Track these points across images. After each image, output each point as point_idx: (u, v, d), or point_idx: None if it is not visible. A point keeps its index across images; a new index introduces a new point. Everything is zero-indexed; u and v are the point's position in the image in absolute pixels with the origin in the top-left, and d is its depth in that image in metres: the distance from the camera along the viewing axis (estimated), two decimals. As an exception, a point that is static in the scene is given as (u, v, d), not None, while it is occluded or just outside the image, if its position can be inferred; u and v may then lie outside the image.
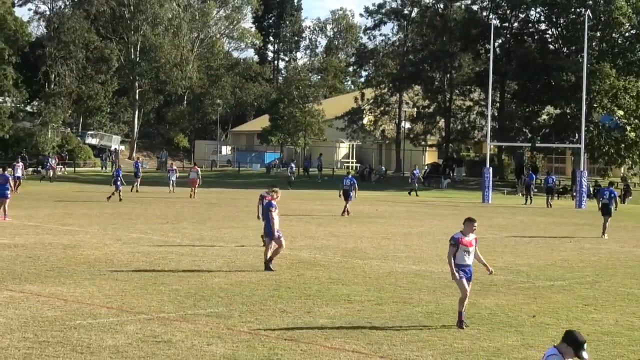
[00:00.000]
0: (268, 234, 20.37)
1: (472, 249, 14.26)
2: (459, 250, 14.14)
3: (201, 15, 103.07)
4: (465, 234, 14.26)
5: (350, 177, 39.41)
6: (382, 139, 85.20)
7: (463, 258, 14.18)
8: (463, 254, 14.19)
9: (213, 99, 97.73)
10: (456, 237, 14.22)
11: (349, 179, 38.84)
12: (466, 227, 14.29)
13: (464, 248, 14.16)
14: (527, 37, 74.33)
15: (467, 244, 14.17)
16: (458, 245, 14.13)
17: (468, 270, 14.29)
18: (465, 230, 14.28)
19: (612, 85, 63.26)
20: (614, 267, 22.70)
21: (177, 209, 38.65)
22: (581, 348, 8.29)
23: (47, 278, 18.11)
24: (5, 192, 31.33)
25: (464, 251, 14.18)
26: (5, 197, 31.31)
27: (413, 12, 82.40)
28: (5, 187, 31.45)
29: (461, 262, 14.17)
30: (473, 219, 14.39)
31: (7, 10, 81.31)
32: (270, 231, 20.26)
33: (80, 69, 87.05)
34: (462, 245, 14.14)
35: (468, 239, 14.22)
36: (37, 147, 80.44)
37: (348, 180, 38.75)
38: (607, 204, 31.67)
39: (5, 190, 31.37)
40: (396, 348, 12.63)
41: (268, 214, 20.38)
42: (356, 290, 17.57)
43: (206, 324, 13.86)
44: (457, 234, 14.33)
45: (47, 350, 11.84)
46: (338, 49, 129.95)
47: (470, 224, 14.29)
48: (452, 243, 14.18)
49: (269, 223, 20.30)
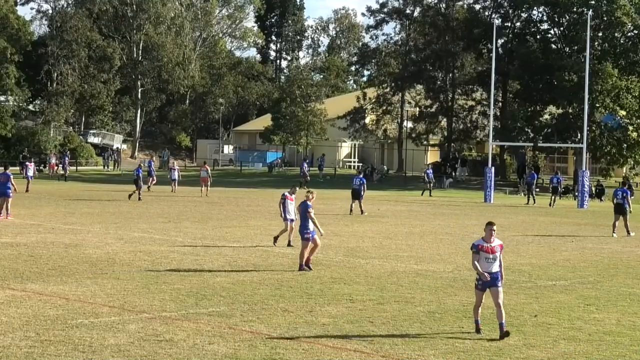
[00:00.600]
0: (302, 235, 20.36)
1: (495, 255, 13.46)
2: (481, 258, 13.47)
3: (204, 14, 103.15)
4: (486, 240, 13.53)
5: (360, 177, 39.84)
6: (384, 139, 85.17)
7: (485, 265, 13.45)
8: (485, 261, 13.47)
9: (215, 98, 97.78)
10: (476, 243, 13.61)
11: (359, 179, 39.23)
12: (485, 232, 13.58)
13: (484, 255, 13.47)
14: (529, 37, 74.26)
15: (488, 251, 13.47)
16: (479, 252, 13.48)
17: (492, 277, 13.48)
18: (486, 236, 13.56)
19: (614, 85, 63.20)
20: (616, 267, 22.69)
21: (179, 208, 38.67)
22: None
23: (49, 277, 18.12)
24: (7, 190, 31.26)
25: (486, 258, 13.47)
26: (7, 196, 31.26)
27: (415, 12, 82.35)
28: (6, 185, 31.38)
29: (484, 269, 13.46)
30: (491, 223, 13.65)
31: (10, 9, 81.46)
32: (302, 231, 20.31)
33: (82, 68, 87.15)
34: (482, 252, 13.46)
35: (489, 245, 13.49)
36: (39, 146, 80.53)
37: (358, 179, 39.15)
38: (621, 204, 31.74)
39: (7, 189, 31.30)
40: (398, 347, 12.63)
41: (305, 215, 20.37)
42: (358, 289, 17.58)
43: (208, 323, 13.87)
44: (478, 240, 13.67)
45: (48, 349, 11.85)
46: (340, 48, 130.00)
47: (488, 229, 13.55)
48: (473, 250, 13.57)
49: (305, 224, 20.30)
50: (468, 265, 21.71)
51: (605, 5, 66.18)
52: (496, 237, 13.65)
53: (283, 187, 58.53)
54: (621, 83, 63.70)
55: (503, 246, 13.77)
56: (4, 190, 31.26)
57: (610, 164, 67.03)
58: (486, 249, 13.47)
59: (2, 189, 31.31)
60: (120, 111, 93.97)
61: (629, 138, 64.10)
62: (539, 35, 74.35)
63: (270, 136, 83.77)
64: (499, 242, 13.66)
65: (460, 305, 16.08)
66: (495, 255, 13.48)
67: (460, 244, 26.84)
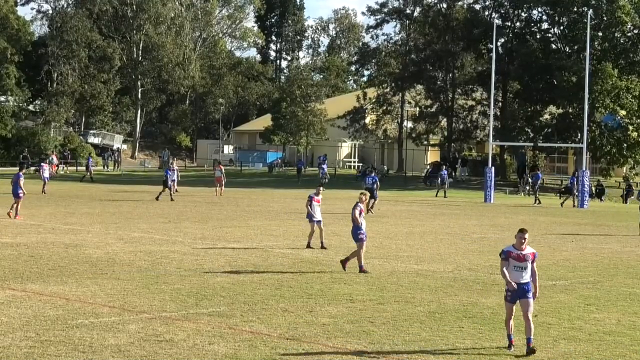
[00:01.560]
0: (355, 237, 20.29)
1: (526, 264, 12.56)
2: (510, 266, 12.58)
3: (204, 15, 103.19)
4: (517, 247, 12.63)
5: (373, 176, 40.69)
6: (384, 139, 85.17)
7: (515, 275, 12.56)
8: (514, 271, 12.57)
9: (215, 98, 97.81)
10: (505, 250, 12.73)
11: (372, 178, 40.05)
12: (517, 239, 12.68)
13: (514, 263, 12.55)
14: (529, 37, 74.29)
15: (517, 258, 12.56)
16: (508, 259, 12.61)
17: (522, 288, 12.58)
18: (517, 243, 12.66)
19: (614, 86, 63.20)
20: (616, 266, 22.69)
21: (179, 208, 38.67)
22: None
23: (49, 277, 18.12)
24: (17, 192, 31.60)
25: (515, 267, 12.56)
26: (18, 197, 31.59)
27: (415, 12, 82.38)
28: (17, 186, 31.72)
29: (513, 278, 12.59)
30: (523, 230, 12.70)
31: (10, 9, 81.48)
32: (355, 233, 20.29)
33: (82, 68, 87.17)
34: (512, 260, 12.57)
35: (520, 252, 12.59)
36: (39, 146, 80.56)
37: (371, 179, 39.92)
38: None
39: (18, 190, 31.63)
40: (398, 347, 12.63)
41: (352, 216, 20.37)
42: (358, 289, 17.58)
43: (208, 323, 13.87)
44: (508, 247, 12.81)
45: (49, 350, 11.85)
46: (340, 48, 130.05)
47: (519, 236, 12.63)
48: (503, 257, 12.68)
49: (357, 225, 20.30)
50: (468, 265, 21.74)
51: (605, 4, 66.18)
52: (528, 244, 12.76)
53: (283, 187, 58.81)
54: (621, 83, 63.69)
55: (536, 255, 12.80)
56: (15, 191, 31.68)
57: (610, 164, 67.03)
58: (516, 256, 12.60)
59: (14, 190, 31.80)
60: (120, 111, 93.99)
61: (629, 138, 64.10)
62: (539, 35, 74.39)
63: (270, 136, 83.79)
64: (532, 251, 12.76)
65: (460, 305, 16.08)
66: (526, 264, 12.56)
67: (460, 244, 26.84)
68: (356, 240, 20.30)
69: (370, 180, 39.58)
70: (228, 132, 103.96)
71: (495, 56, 60.13)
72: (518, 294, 12.61)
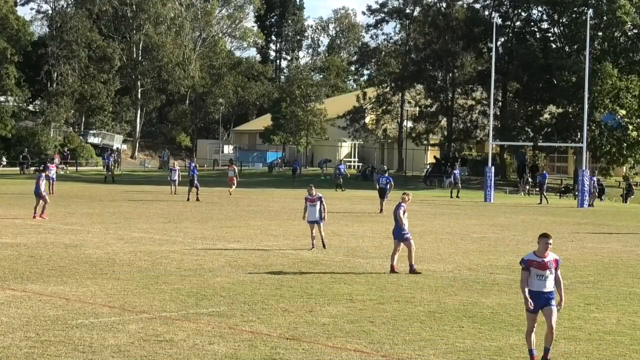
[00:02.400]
0: (397, 236, 20.35)
1: (550, 272, 11.71)
2: (530, 274, 11.70)
3: (203, 15, 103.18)
4: (539, 254, 11.75)
5: (386, 177, 41.23)
6: (384, 138, 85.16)
7: (536, 283, 11.69)
8: (536, 279, 11.69)
9: (215, 98, 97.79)
10: (526, 258, 11.78)
11: (385, 178, 40.65)
12: (539, 245, 11.79)
13: (537, 272, 11.68)
14: (529, 36, 74.30)
15: (540, 267, 11.68)
16: (529, 268, 11.70)
17: (544, 297, 11.73)
18: (539, 250, 11.77)
19: (614, 86, 63.19)
20: (616, 266, 22.69)
21: (179, 208, 38.67)
22: None
23: (49, 277, 18.12)
24: (39, 191, 31.86)
25: (538, 275, 11.69)
26: (40, 197, 31.81)
27: (415, 11, 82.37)
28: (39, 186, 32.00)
29: (535, 288, 11.70)
30: (547, 235, 11.77)
31: (10, 9, 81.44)
32: (399, 233, 20.30)
33: (82, 68, 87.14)
34: (533, 269, 11.68)
35: (542, 260, 11.71)
36: (39, 146, 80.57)
37: (384, 179, 40.53)
38: None
39: (39, 190, 31.88)
40: (398, 347, 12.63)
41: (396, 216, 20.36)
42: (358, 289, 17.58)
43: (208, 323, 13.87)
44: (529, 254, 11.88)
45: (49, 350, 11.85)
46: (340, 48, 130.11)
47: (543, 242, 11.72)
48: (523, 267, 11.76)
49: (398, 224, 20.31)
50: (468, 265, 21.74)
51: (605, 4, 66.17)
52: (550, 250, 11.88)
53: (283, 187, 58.76)
54: (621, 83, 63.67)
55: (559, 261, 11.96)
56: (37, 191, 31.96)
57: (610, 164, 67.03)
58: (538, 264, 11.68)
59: (36, 190, 32.11)
60: (120, 111, 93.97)
61: (628, 137, 64.10)
62: (539, 34, 74.39)
63: (270, 136, 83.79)
64: (554, 257, 11.87)
65: (460, 305, 16.08)
66: (549, 271, 11.72)
67: (460, 244, 26.85)
68: (401, 240, 20.26)
69: (384, 181, 40.19)
70: (228, 132, 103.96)
71: (495, 55, 60.10)
72: (540, 303, 11.73)
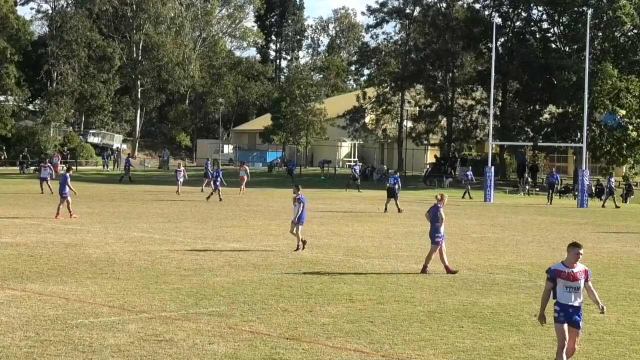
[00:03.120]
0: (432, 239, 20.32)
1: (579, 283, 11.03)
2: (558, 286, 10.98)
3: (203, 14, 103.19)
4: (568, 264, 11.06)
5: (395, 177, 41.87)
6: (383, 138, 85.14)
7: (564, 296, 10.98)
8: (565, 291, 10.97)
9: (215, 97, 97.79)
10: (553, 268, 11.11)
11: (394, 178, 41.37)
12: (569, 254, 11.13)
13: (565, 283, 10.96)
14: (529, 36, 74.30)
15: (568, 278, 10.98)
16: (555, 279, 10.99)
17: (572, 313, 11.01)
18: (568, 259, 11.10)
19: (614, 86, 63.18)
20: (616, 266, 22.69)
21: (179, 208, 38.67)
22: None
23: (48, 277, 18.12)
24: (64, 191, 32.11)
25: (567, 287, 10.97)
26: (63, 197, 32.06)
27: (415, 11, 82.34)
28: (64, 186, 32.20)
29: (563, 300, 10.98)
30: (578, 245, 11.13)
31: (10, 9, 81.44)
32: (433, 235, 20.28)
33: (82, 68, 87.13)
34: (561, 280, 10.97)
35: (571, 271, 11.03)
36: (39, 145, 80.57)
37: (392, 179, 41.28)
38: None
39: (64, 190, 32.12)
40: (398, 347, 12.63)
41: (435, 218, 20.31)
42: (358, 289, 17.57)
43: (208, 322, 13.87)
44: (556, 264, 11.20)
45: (48, 349, 11.85)
46: (340, 47, 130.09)
47: (574, 252, 11.06)
48: (548, 277, 11.06)
49: (435, 227, 20.28)
50: (468, 265, 21.74)
51: (605, 4, 66.16)
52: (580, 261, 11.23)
53: (283, 187, 58.74)
54: (621, 84, 63.66)
55: (589, 273, 11.28)
56: (62, 191, 32.23)
57: (610, 164, 67.03)
58: (566, 275, 10.98)
59: (61, 190, 32.35)
60: (120, 111, 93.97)
61: (628, 137, 64.10)
62: (539, 34, 74.38)
63: (270, 136, 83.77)
64: (584, 268, 11.19)
65: (460, 305, 16.08)
66: (578, 283, 11.02)
67: (460, 244, 26.84)
68: (432, 242, 20.24)
69: (392, 181, 40.80)
70: (228, 132, 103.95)
71: (495, 55, 60.09)
72: (568, 316, 11.00)
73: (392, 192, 40.10)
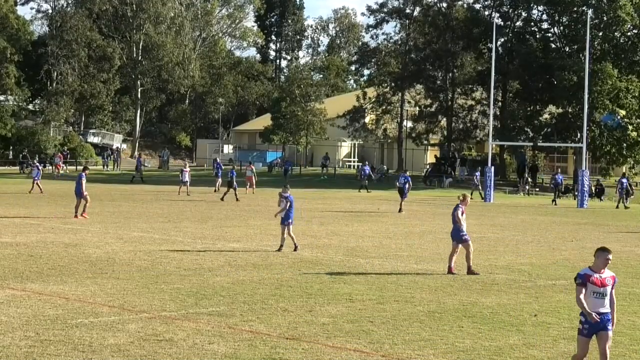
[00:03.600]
0: (455, 237, 20.38)
1: (607, 290, 10.70)
2: (587, 293, 10.66)
3: (203, 14, 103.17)
4: (596, 269, 10.73)
5: (405, 176, 42.04)
6: (383, 138, 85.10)
7: (593, 302, 10.62)
8: (593, 298, 10.63)
9: (215, 97, 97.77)
10: (582, 273, 10.76)
11: (404, 177, 41.55)
12: (597, 259, 10.78)
13: (593, 289, 10.63)
14: (529, 36, 74.27)
15: (597, 283, 10.65)
16: (585, 283, 10.66)
17: (601, 320, 10.67)
18: (596, 265, 10.76)
19: (614, 86, 63.17)
20: (616, 266, 22.62)
21: (179, 208, 38.67)
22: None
23: (48, 277, 18.12)
24: (81, 191, 32.23)
25: (594, 293, 10.64)
26: (81, 197, 32.16)
27: (415, 11, 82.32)
28: (80, 186, 32.30)
29: (591, 307, 10.63)
30: (607, 250, 10.81)
31: (10, 8, 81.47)
32: (457, 234, 20.32)
33: (82, 68, 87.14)
34: (590, 285, 10.64)
35: (600, 276, 10.69)
36: (39, 145, 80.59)
37: (403, 178, 41.49)
38: None
39: (80, 189, 32.22)
40: (398, 347, 12.63)
41: (455, 217, 20.30)
42: (358, 289, 17.57)
43: (208, 322, 13.87)
44: (585, 269, 10.86)
45: (48, 349, 11.85)
46: (340, 47, 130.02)
47: (603, 256, 10.73)
48: (579, 282, 10.71)
49: (456, 226, 20.31)
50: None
51: (605, 4, 66.15)
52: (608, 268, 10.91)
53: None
54: (621, 84, 63.66)
55: (616, 279, 10.96)
56: (78, 190, 32.33)
57: (609, 164, 67.05)
58: (595, 280, 10.66)
59: (77, 189, 32.50)
60: (120, 111, 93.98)
61: (628, 138, 64.10)
62: (539, 34, 74.36)
63: (270, 136, 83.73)
64: (611, 274, 10.86)
65: (460, 305, 16.08)
66: (606, 289, 10.69)
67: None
68: (460, 242, 20.25)
69: (402, 180, 41.00)
70: (228, 132, 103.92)
71: (495, 56, 60.08)
72: (597, 327, 10.72)
73: (402, 191, 40.56)
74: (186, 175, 49.57)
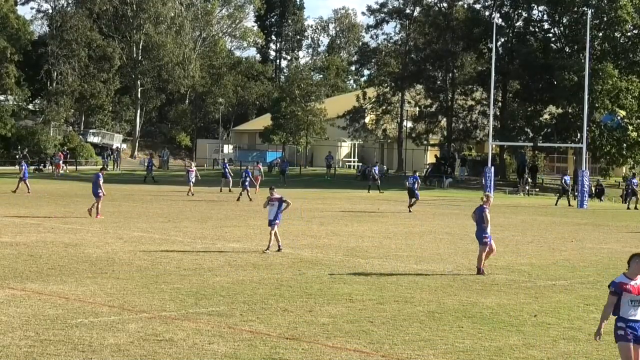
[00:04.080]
0: (478, 237, 20.45)
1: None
2: (622, 300, 10.09)
3: (204, 14, 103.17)
4: (631, 276, 10.18)
5: (415, 176, 42.28)
6: (383, 138, 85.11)
7: (629, 310, 10.07)
8: (629, 306, 10.07)
9: (215, 97, 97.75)
10: (617, 281, 10.19)
11: (414, 178, 41.81)
12: (632, 266, 10.25)
13: (630, 297, 10.07)
14: (529, 37, 74.24)
15: (633, 291, 10.08)
16: (620, 292, 10.09)
17: (638, 328, 10.06)
18: (631, 272, 10.22)
19: (614, 86, 63.17)
20: (616, 266, 22.67)
21: (179, 208, 38.67)
22: None
23: (48, 276, 18.12)
24: (97, 191, 32.54)
25: (633, 301, 10.07)
26: (98, 197, 32.53)
27: (415, 11, 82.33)
28: (97, 186, 32.63)
29: (627, 315, 10.07)
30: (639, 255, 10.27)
31: (10, 8, 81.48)
32: (480, 235, 20.41)
33: (82, 68, 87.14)
34: (626, 293, 10.08)
35: (636, 283, 10.13)
36: (39, 145, 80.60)
37: (412, 179, 41.71)
38: None
39: (97, 189, 32.54)
40: (397, 347, 12.62)
41: (482, 219, 20.44)
42: (357, 289, 17.57)
43: (208, 322, 13.87)
44: (620, 277, 10.28)
45: (48, 349, 11.85)
46: (340, 47, 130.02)
47: (636, 262, 10.22)
48: (612, 290, 10.15)
49: (482, 227, 20.31)
50: (468, 265, 21.74)
51: (606, 4, 66.14)
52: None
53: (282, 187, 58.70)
54: (621, 84, 63.66)
55: None
56: (95, 191, 32.67)
57: (610, 164, 67.04)
58: (631, 288, 10.10)
59: (94, 189, 32.87)
60: (120, 111, 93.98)
61: (628, 138, 64.10)
62: (540, 34, 74.34)
63: (270, 136, 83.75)
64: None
65: (460, 305, 16.08)
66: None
67: (460, 244, 26.85)
68: (480, 243, 20.34)
69: (412, 180, 41.29)
70: (228, 132, 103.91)
71: (495, 56, 60.06)
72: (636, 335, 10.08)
73: (412, 192, 40.74)
74: (192, 175, 49.66)
